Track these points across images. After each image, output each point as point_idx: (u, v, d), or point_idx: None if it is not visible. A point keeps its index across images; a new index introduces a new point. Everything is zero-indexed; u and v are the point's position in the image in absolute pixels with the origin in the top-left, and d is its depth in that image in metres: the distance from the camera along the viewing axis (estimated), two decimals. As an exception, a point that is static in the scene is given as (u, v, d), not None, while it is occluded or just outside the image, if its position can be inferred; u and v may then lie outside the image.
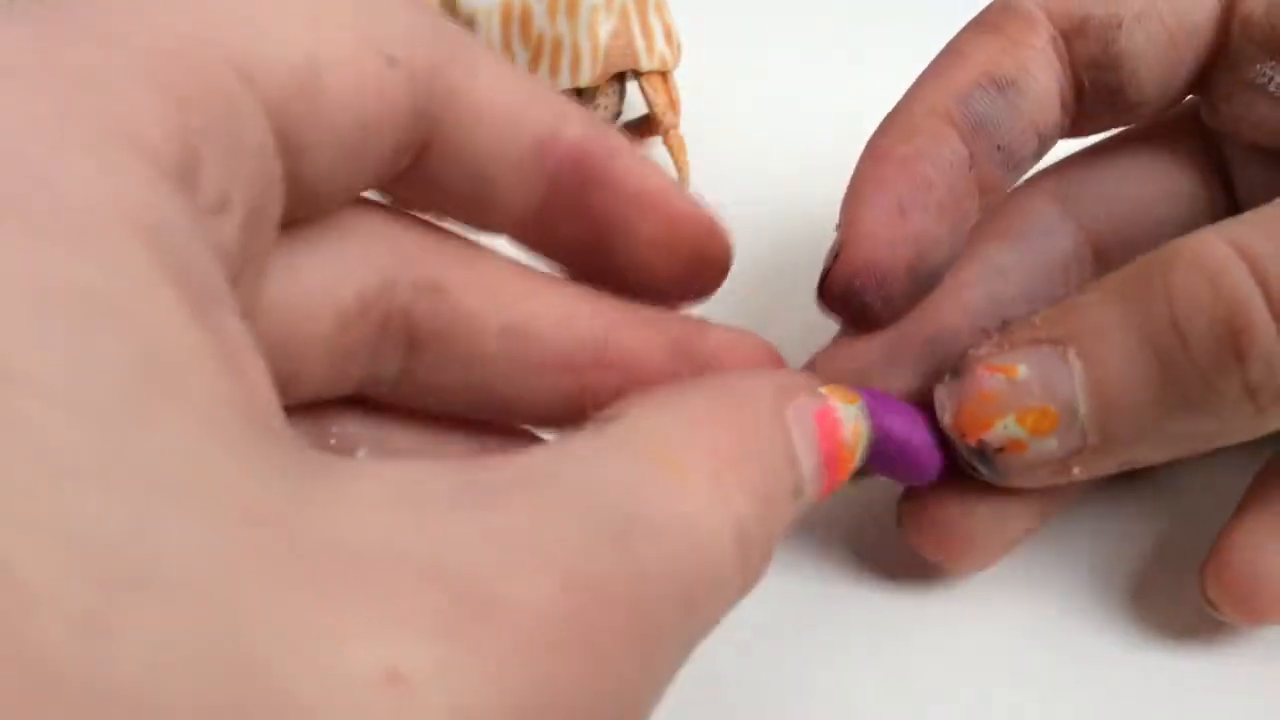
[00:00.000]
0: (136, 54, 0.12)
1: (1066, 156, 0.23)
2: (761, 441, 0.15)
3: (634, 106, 0.33)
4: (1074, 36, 0.21)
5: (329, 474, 0.11)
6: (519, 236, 0.18)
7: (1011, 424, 0.18)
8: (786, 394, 0.16)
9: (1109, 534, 0.23)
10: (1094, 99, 0.21)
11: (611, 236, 0.17)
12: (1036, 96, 0.21)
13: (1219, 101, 0.21)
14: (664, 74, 0.32)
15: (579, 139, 0.16)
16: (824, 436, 0.16)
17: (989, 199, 0.21)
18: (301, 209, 0.15)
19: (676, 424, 0.14)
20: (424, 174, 0.16)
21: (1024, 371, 0.18)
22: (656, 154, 0.33)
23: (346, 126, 0.14)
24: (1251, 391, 0.17)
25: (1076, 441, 0.18)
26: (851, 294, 0.20)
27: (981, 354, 0.19)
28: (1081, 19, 0.21)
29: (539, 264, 0.18)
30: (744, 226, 0.32)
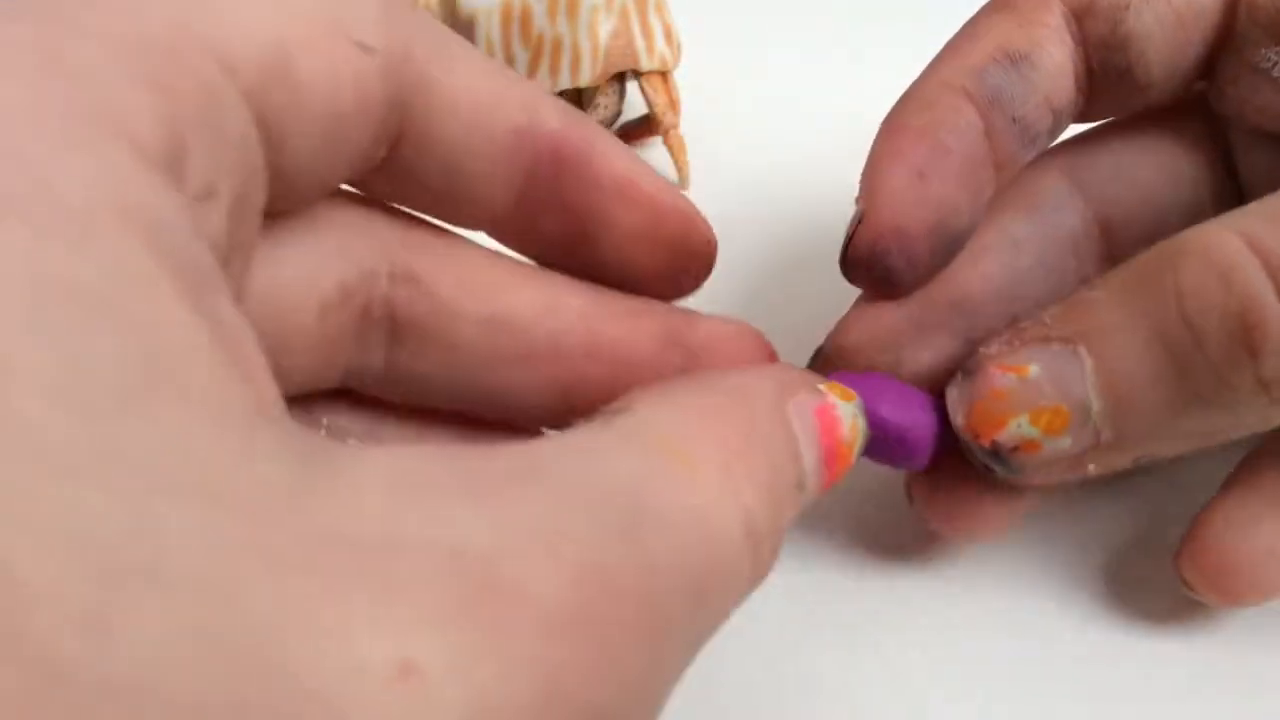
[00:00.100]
0: (119, 44, 0.12)
1: (1076, 134, 0.23)
2: (766, 436, 0.15)
3: (634, 106, 0.33)
4: (1084, 16, 0.21)
5: (333, 462, 0.11)
6: (497, 231, 0.18)
7: (1025, 423, 0.18)
8: (788, 390, 0.16)
9: (1088, 517, 0.23)
10: (1103, 80, 0.21)
11: (592, 229, 0.17)
12: (1050, 72, 0.21)
13: (1225, 85, 0.22)
14: (664, 74, 0.32)
15: (556, 129, 0.16)
16: (824, 432, 0.16)
17: (1006, 174, 0.21)
18: (282, 200, 0.15)
19: (684, 417, 0.14)
20: (400, 166, 0.16)
21: (1035, 370, 0.18)
22: (656, 154, 0.33)
23: (323, 115, 0.14)
24: (1265, 385, 0.17)
25: (1090, 439, 0.18)
26: (876, 258, 0.20)
27: (992, 353, 0.19)
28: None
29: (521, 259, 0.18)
30: (744, 226, 0.32)
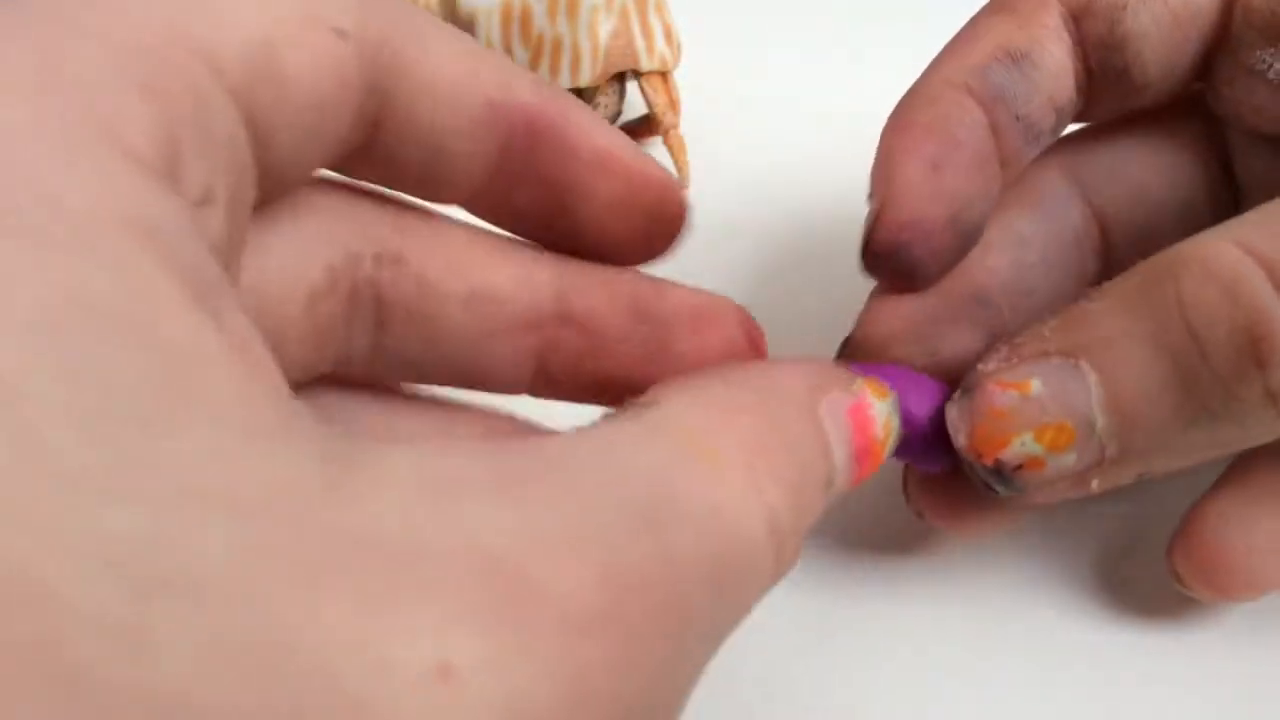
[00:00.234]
0: (110, 49, 0.12)
1: (1074, 132, 0.23)
2: (795, 433, 0.15)
3: (634, 106, 0.33)
4: (1082, 16, 0.21)
5: (357, 461, 0.11)
6: (474, 206, 0.18)
7: (1029, 441, 0.18)
8: (821, 387, 0.16)
9: (1083, 513, 0.23)
10: (1101, 81, 0.21)
11: (568, 200, 0.17)
12: (1051, 70, 0.21)
13: (1221, 86, 0.22)
14: (664, 74, 0.32)
15: (529, 101, 0.16)
16: (857, 430, 0.16)
17: (1011, 171, 0.21)
18: (265, 192, 0.15)
19: (711, 413, 0.14)
20: (377, 148, 0.16)
21: (1037, 386, 0.18)
22: (656, 154, 0.33)
23: (307, 107, 0.14)
24: (1274, 397, 0.17)
25: (1095, 455, 0.18)
26: (898, 251, 0.20)
27: (990, 369, 0.19)
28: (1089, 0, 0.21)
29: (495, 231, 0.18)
30: (744, 226, 0.32)
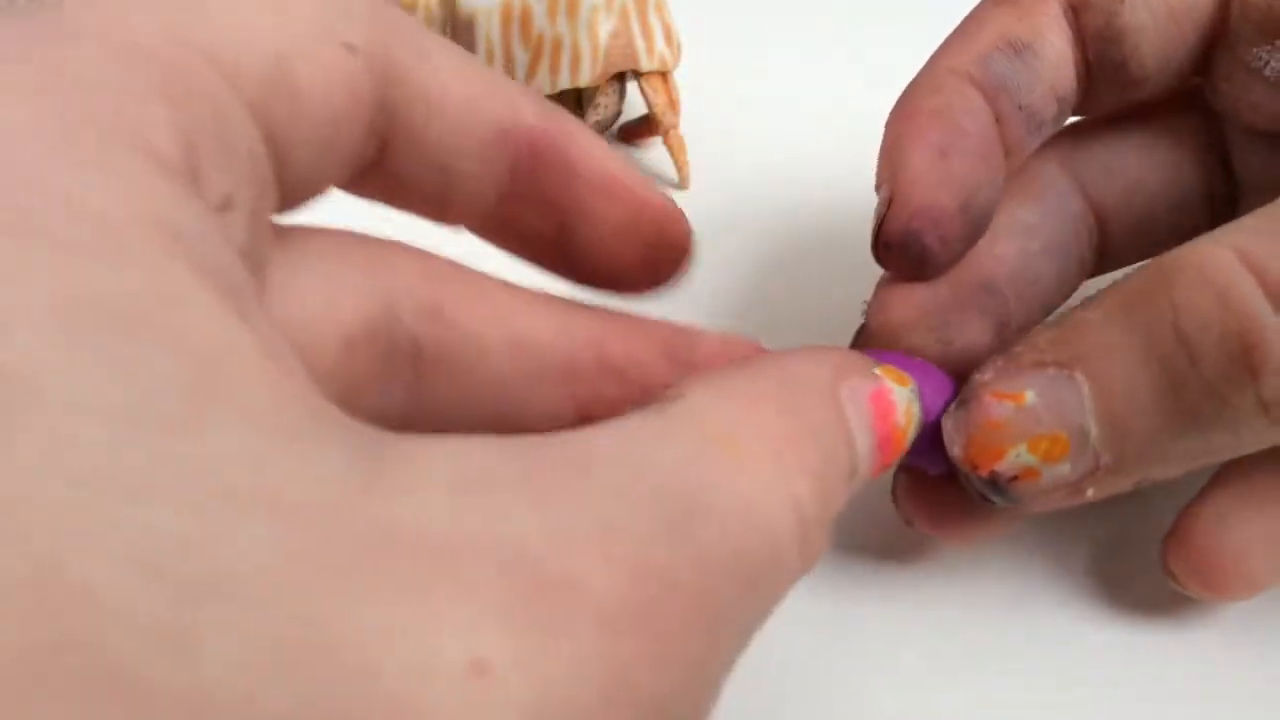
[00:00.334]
0: (124, 56, 0.12)
1: (1072, 124, 0.23)
2: (818, 422, 0.15)
3: (634, 106, 0.33)
4: (1080, 9, 0.21)
5: (390, 457, 0.11)
6: (481, 229, 0.18)
7: (1023, 452, 0.18)
8: (842, 375, 0.16)
9: (1076, 512, 0.23)
10: (1099, 74, 0.21)
11: (573, 224, 0.17)
12: (1053, 60, 0.21)
13: (1219, 82, 0.22)
14: (664, 74, 0.32)
15: (536, 124, 0.16)
16: (878, 417, 0.16)
17: (1015, 159, 0.21)
18: (282, 206, 0.15)
19: (736, 405, 0.14)
20: (387, 165, 0.16)
21: (1031, 397, 0.18)
22: (656, 154, 0.33)
23: (321, 122, 0.14)
24: (1266, 406, 0.17)
25: (1089, 464, 0.18)
26: (910, 238, 0.20)
27: (986, 379, 0.19)
28: None
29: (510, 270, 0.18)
30: (744, 226, 0.32)
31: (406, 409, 0.17)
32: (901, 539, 0.23)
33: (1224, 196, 0.23)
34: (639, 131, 0.34)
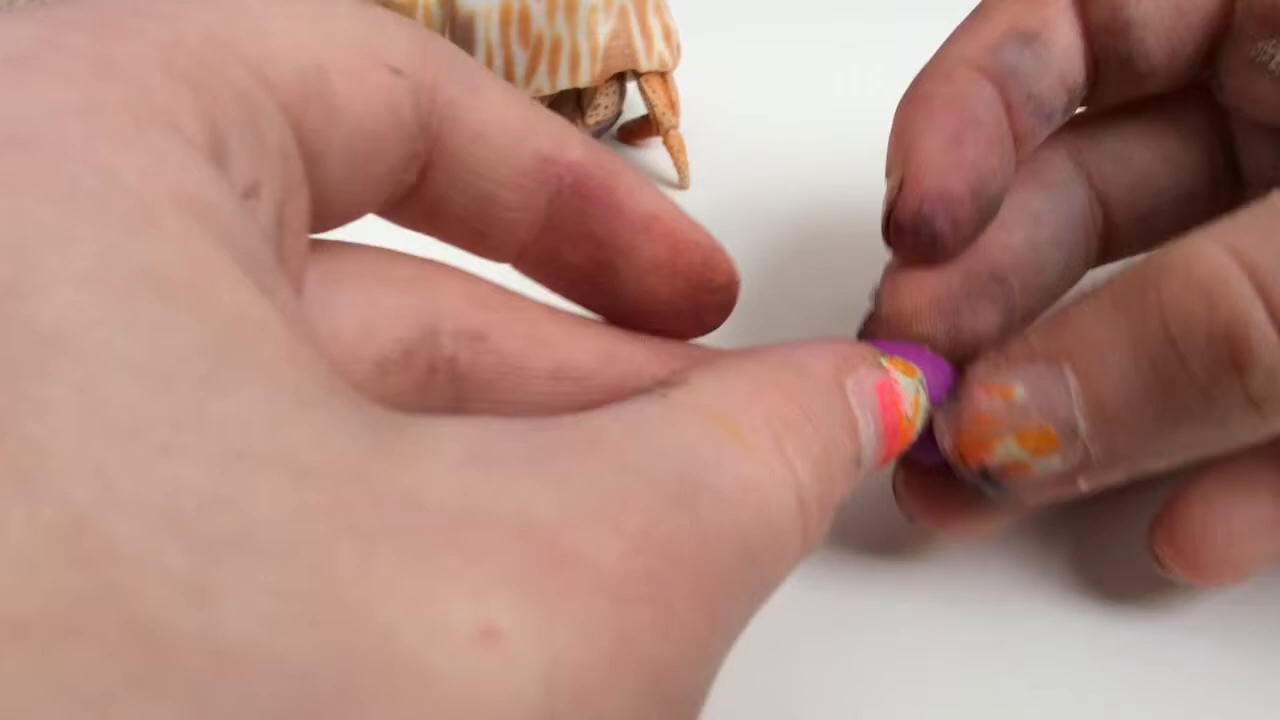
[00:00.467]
0: (153, 45, 0.12)
1: (1080, 115, 0.23)
2: (822, 410, 0.15)
3: (634, 107, 0.33)
4: (1088, 1, 0.21)
5: (406, 432, 0.11)
6: (522, 263, 0.18)
7: (1012, 445, 0.18)
8: (847, 364, 0.16)
9: (1070, 505, 0.23)
10: (1105, 67, 0.22)
11: (614, 260, 0.17)
12: (1062, 51, 0.21)
13: (1225, 77, 0.22)
14: (663, 75, 0.32)
15: (580, 159, 0.17)
16: (885, 407, 0.16)
17: (1025, 148, 0.21)
18: (320, 221, 0.15)
19: (739, 391, 0.14)
20: (428, 192, 0.16)
21: (1020, 391, 0.18)
22: (656, 154, 0.33)
23: (357, 134, 0.14)
24: (1255, 402, 0.17)
25: (1080, 458, 0.18)
26: (921, 222, 0.20)
27: (978, 374, 0.19)
28: None
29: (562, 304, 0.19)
30: (744, 225, 0.32)
31: None
32: (897, 534, 0.23)
33: (1229, 190, 0.23)
34: (639, 131, 0.34)
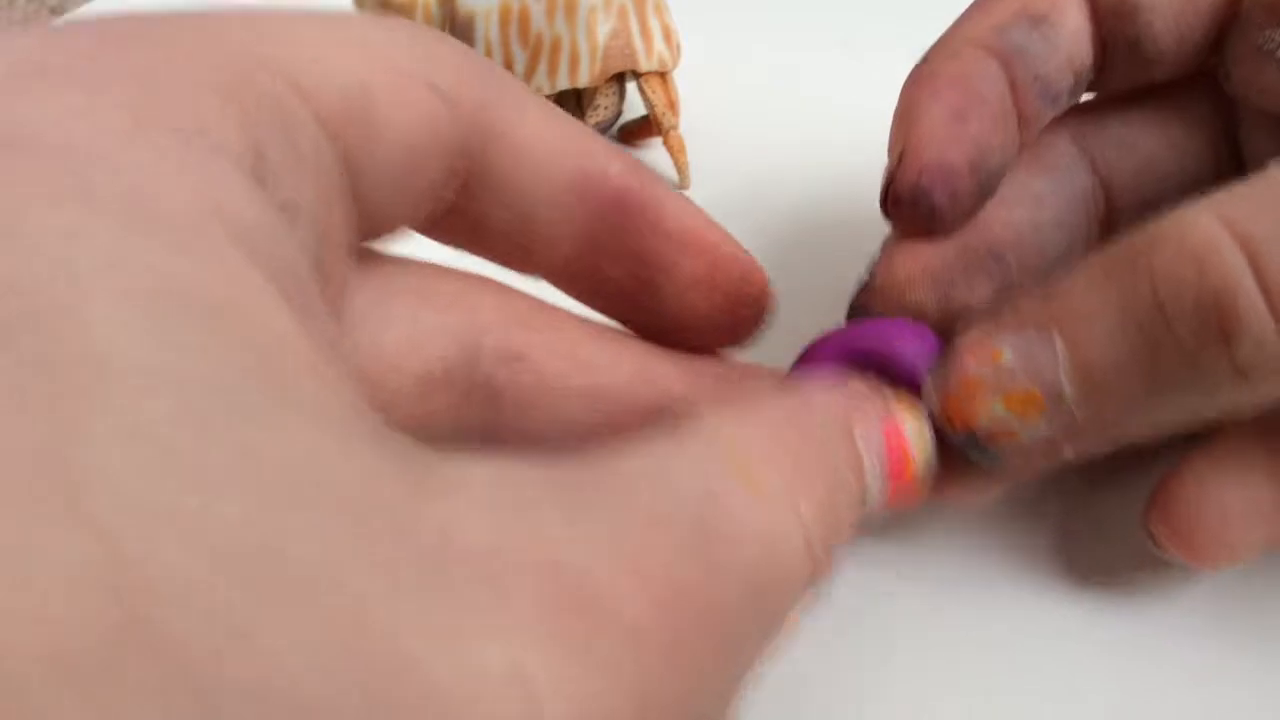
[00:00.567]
0: (194, 60, 0.12)
1: (1087, 101, 0.24)
2: (831, 452, 0.15)
3: (634, 107, 0.33)
4: None
5: (438, 468, 0.11)
6: (560, 279, 0.18)
7: (999, 409, 0.18)
8: (854, 405, 0.16)
9: (1061, 487, 0.23)
10: (1114, 50, 0.22)
11: (652, 277, 0.18)
12: (1069, 33, 0.21)
13: (1231, 65, 0.22)
14: (663, 75, 0.32)
15: (621, 178, 0.17)
16: (890, 448, 0.16)
17: (1029, 129, 0.22)
18: (359, 235, 0.15)
19: (751, 433, 0.14)
20: (468, 209, 0.16)
21: (1008, 355, 0.18)
22: (656, 154, 0.33)
23: (398, 152, 0.14)
24: (1242, 372, 0.17)
25: (1066, 423, 0.18)
26: (920, 193, 0.20)
27: (968, 338, 0.19)
28: None
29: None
30: (744, 225, 0.32)
31: (475, 443, 0.17)
32: (887, 515, 0.23)
33: (1233, 178, 0.23)
34: (639, 132, 0.34)
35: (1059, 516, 0.23)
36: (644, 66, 0.31)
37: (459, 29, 0.31)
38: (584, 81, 0.31)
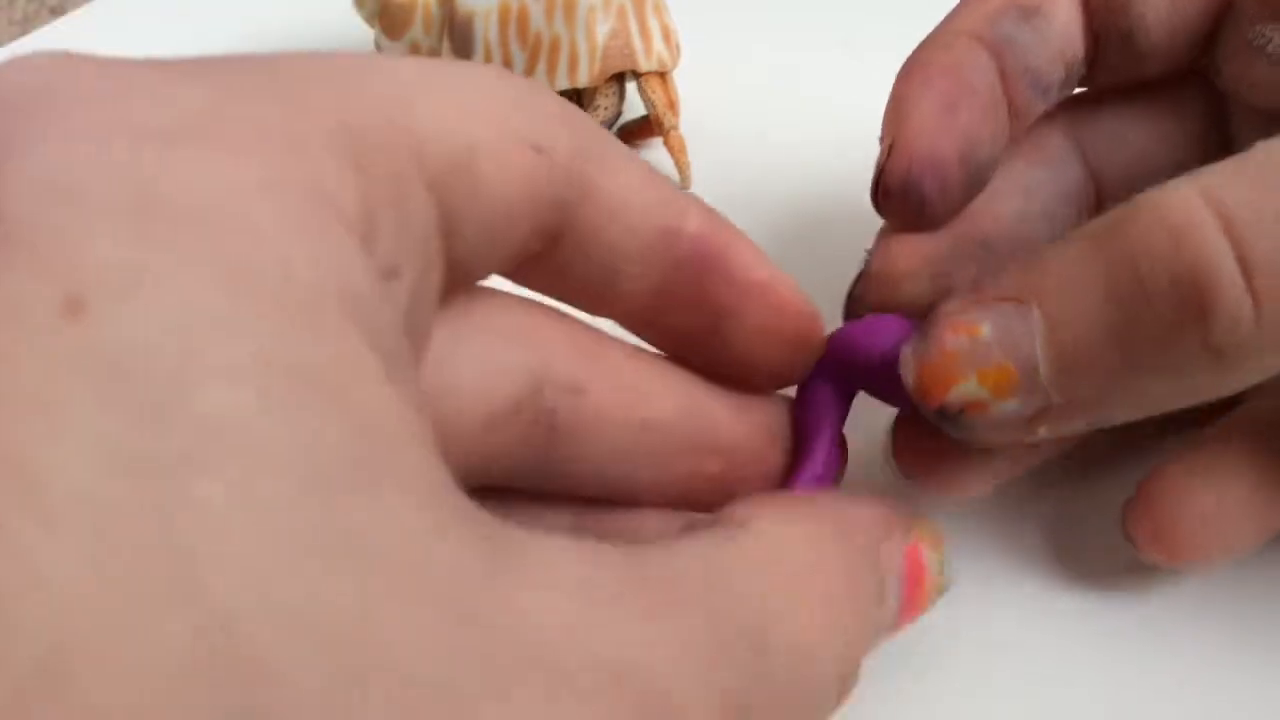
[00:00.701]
0: (324, 121, 0.12)
1: (1080, 94, 0.24)
2: (864, 576, 0.16)
3: (634, 107, 0.33)
4: None
5: (515, 551, 0.11)
6: (630, 322, 0.18)
7: (973, 384, 0.18)
8: (886, 532, 0.17)
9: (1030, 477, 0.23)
10: (1106, 44, 0.22)
11: (720, 323, 0.18)
12: (1061, 26, 0.21)
13: (1224, 61, 0.22)
14: (663, 75, 0.32)
15: (699, 230, 0.17)
16: (909, 577, 0.17)
17: (1020, 121, 0.22)
18: (445, 285, 0.15)
19: (801, 547, 0.15)
20: (554, 260, 0.16)
21: (987, 329, 0.18)
22: (656, 154, 0.33)
23: (495, 211, 0.15)
24: (1216, 351, 0.16)
25: (1040, 401, 0.18)
26: (909, 186, 0.20)
27: (948, 311, 0.18)
28: None
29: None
30: (744, 225, 0.32)
31: (532, 475, 0.18)
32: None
33: None
34: (639, 131, 0.34)
35: (1052, 515, 0.23)
36: (643, 66, 0.31)
37: (458, 29, 0.31)
38: (583, 81, 0.31)
